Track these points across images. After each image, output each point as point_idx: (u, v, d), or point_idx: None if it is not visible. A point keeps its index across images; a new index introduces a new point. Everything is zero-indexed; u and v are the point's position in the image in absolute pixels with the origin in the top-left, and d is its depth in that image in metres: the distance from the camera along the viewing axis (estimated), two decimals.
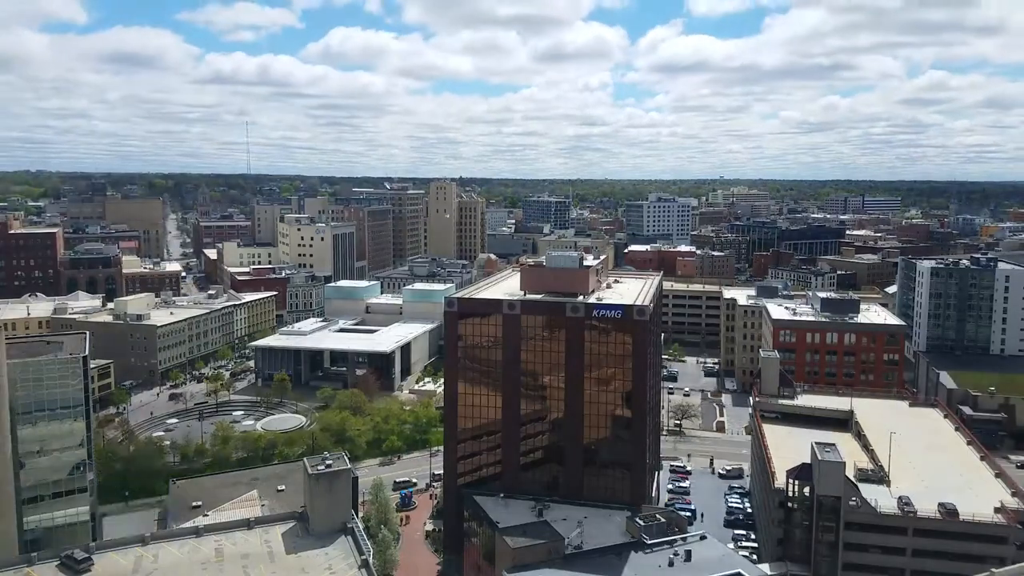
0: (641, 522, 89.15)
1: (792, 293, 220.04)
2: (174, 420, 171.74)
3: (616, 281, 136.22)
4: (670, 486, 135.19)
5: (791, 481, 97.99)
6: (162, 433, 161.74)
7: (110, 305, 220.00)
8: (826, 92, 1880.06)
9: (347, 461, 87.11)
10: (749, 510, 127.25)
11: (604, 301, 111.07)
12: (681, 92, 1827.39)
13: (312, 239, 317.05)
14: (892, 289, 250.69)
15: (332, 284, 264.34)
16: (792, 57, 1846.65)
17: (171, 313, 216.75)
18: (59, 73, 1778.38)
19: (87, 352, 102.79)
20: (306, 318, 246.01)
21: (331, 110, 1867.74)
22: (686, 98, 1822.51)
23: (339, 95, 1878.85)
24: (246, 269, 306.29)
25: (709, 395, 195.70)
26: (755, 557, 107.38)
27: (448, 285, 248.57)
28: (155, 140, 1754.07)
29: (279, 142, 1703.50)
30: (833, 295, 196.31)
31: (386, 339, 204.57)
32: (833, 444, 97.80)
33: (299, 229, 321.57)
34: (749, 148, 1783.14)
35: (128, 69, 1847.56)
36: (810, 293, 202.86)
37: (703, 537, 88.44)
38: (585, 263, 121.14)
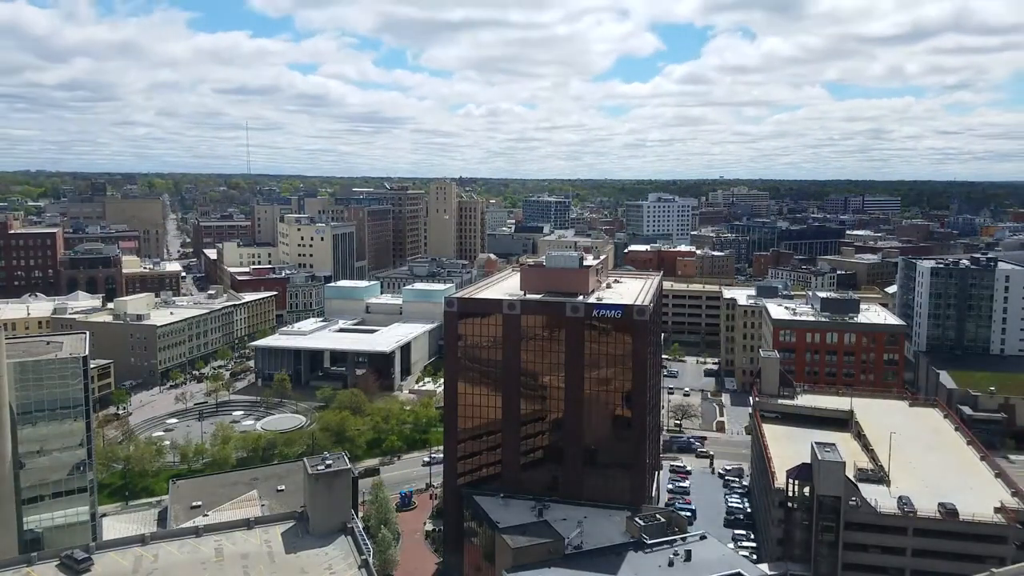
0: (641, 522, 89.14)
1: (792, 293, 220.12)
2: (174, 420, 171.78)
3: (616, 281, 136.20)
4: (670, 486, 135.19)
5: (791, 481, 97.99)
6: (162, 433, 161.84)
7: (110, 305, 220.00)
8: (774, 112, 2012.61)
9: (347, 461, 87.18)
10: (749, 510, 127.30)
11: (604, 301, 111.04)
12: (656, 111, 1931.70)
13: (312, 239, 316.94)
14: (892, 289, 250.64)
15: (332, 284, 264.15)
16: (726, 92, 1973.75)
17: (171, 313, 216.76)
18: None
19: (87, 352, 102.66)
20: (306, 318, 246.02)
21: (363, 123, 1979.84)
22: (659, 116, 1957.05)
23: (370, 110, 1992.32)
24: (246, 269, 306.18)
25: (709, 395, 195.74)
26: (755, 557, 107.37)
27: (448, 285, 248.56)
28: (177, 142, 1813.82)
29: (301, 147, 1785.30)
30: (833, 295, 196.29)
31: (386, 339, 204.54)
32: (833, 444, 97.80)
33: (299, 229, 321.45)
34: (728, 152, 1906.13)
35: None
36: (810, 293, 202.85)
37: (703, 537, 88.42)
38: (585, 263, 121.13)
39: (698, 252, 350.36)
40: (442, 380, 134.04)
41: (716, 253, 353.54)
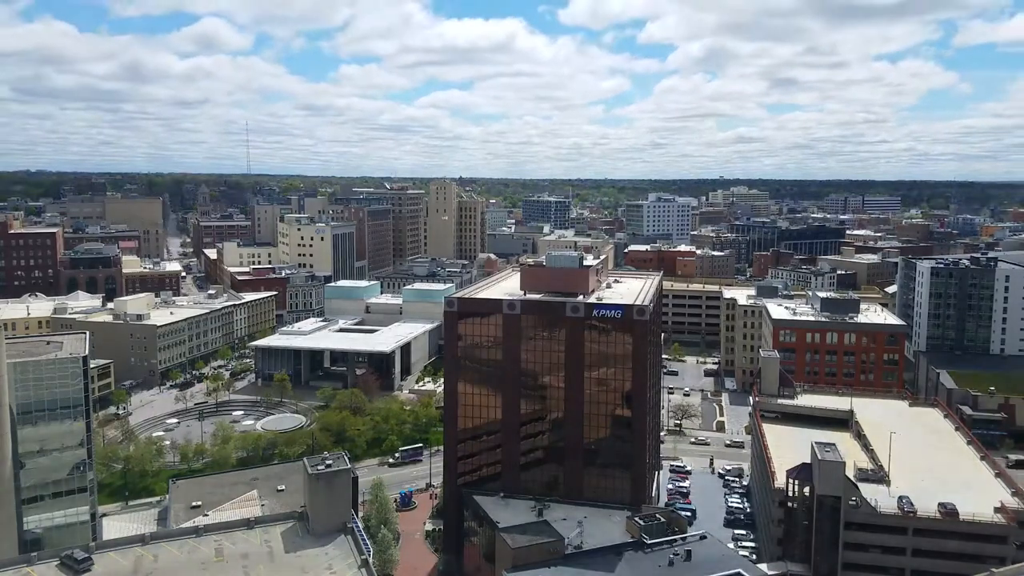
0: (641, 522, 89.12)
1: (792, 293, 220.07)
2: (174, 420, 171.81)
3: (616, 281, 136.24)
4: (670, 486, 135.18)
5: (791, 481, 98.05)
6: (162, 433, 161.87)
7: (110, 305, 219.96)
8: (734, 126, 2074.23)
9: (347, 461, 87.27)
10: (749, 510, 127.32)
11: (604, 301, 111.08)
12: (646, 123, 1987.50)
13: (312, 239, 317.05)
14: (892, 289, 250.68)
15: (332, 284, 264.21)
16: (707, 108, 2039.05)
17: (171, 313, 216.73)
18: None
19: (87, 352, 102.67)
20: (306, 318, 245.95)
21: (392, 131, 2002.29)
22: (649, 126, 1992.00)
23: (401, 122, 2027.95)
24: (246, 269, 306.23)
25: (709, 395, 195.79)
26: (755, 557, 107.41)
27: (448, 285, 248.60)
28: (200, 145, 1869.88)
29: (312, 149, 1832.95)
30: (833, 295, 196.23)
31: (386, 339, 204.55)
32: (833, 444, 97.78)
33: (299, 229, 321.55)
34: (717, 155, 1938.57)
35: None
36: (810, 293, 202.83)
37: (703, 537, 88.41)
38: (585, 263, 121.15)
39: (698, 252, 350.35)
40: (442, 380, 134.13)
41: (716, 253, 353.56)
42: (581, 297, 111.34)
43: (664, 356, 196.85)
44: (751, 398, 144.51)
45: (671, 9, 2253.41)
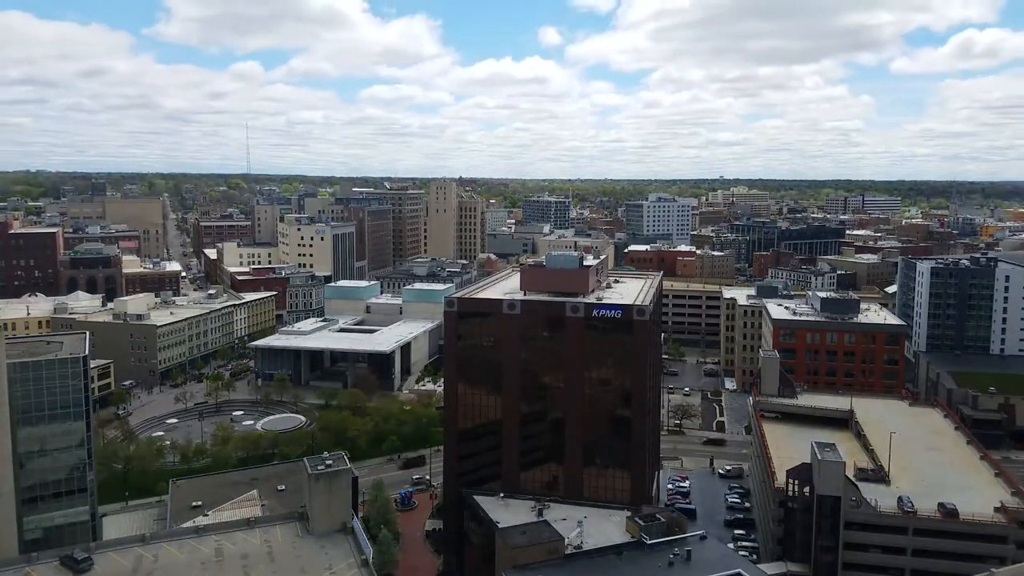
0: (641, 522, 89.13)
1: (792, 293, 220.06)
2: (174, 420, 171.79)
3: (616, 281, 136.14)
4: (670, 486, 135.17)
5: (791, 481, 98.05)
6: (162, 433, 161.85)
7: (110, 305, 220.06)
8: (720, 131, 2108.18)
9: (347, 461, 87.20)
10: (749, 509, 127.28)
11: (604, 301, 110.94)
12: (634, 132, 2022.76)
13: (312, 239, 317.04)
14: (892, 289, 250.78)
15: (332, 284, 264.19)
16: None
17: (171, 313, 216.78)
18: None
19: (87, 352, 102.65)
20: (306, 318, 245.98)
21: (393, 135, 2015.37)
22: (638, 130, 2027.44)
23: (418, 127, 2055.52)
24: (246, 269, 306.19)
25: (709, 395, 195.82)
26: (755, 557, 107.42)
27: (448, 285, 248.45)
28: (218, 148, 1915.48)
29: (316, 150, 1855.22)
30: (833, 295, 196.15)
31: (386, 339, 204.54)
32: (833, 444, 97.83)
33: (299, 229, 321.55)
34: (707, 156, 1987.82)
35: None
36: (810, 293, 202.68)
37: (703, 537, 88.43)
38: (585, 263, 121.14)
39: (698, 252, 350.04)
40: (442, 380, 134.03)
41: (716, 253, 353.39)
42: (581, 297, 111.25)
43: (664, 356, 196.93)
44: (751, 398, 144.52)
45: (640, 41, 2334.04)
